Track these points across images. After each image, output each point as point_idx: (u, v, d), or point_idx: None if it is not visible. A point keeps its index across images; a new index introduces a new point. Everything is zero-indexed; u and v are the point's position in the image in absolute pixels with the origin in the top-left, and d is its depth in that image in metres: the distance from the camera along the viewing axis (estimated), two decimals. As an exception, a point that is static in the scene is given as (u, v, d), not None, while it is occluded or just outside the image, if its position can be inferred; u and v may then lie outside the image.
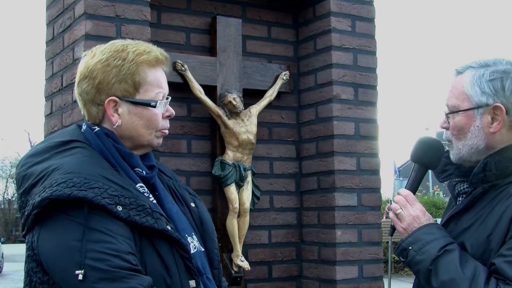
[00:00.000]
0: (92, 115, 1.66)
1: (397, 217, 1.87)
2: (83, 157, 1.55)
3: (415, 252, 1.79)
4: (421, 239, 1.80)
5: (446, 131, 1.92)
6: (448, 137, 1.91)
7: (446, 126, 1.90)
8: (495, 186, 1.81)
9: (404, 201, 1.88)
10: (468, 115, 1.84)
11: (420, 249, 1.79)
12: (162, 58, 1.67)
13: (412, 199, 1.88)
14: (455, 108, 1.86)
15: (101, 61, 1.62)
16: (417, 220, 1.85)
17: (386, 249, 13.20)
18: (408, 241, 1.82)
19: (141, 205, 1.51)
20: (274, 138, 3.50)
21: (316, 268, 3.37)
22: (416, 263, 1.79)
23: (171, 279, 1.53)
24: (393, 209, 1.88)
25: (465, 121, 1.85)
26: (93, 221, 1.43)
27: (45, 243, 1.47)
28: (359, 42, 3.42)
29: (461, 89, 1.86)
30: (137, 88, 1.63)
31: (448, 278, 1.71)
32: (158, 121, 1.66)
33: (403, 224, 1.86)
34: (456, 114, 1.86)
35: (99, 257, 1.40)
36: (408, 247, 1.81)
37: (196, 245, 1.68)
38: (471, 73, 1.86)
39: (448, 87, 1.92)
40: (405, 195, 1.89)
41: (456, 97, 1.86)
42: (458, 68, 1.91)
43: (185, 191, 1.82)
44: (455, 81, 1.89)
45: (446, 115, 1.90)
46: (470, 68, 1.88)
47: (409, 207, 1.87)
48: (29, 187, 1.54)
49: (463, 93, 1.85)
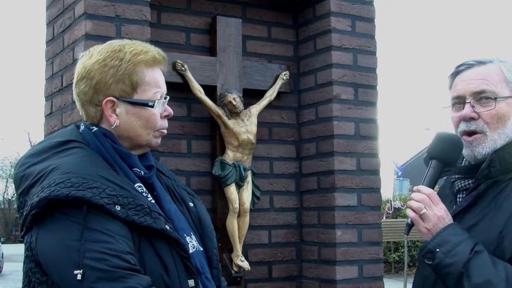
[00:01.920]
0: (90, 115, 1.66)
1: (420, 217, 1.76)
2: (82, 157, 1.55)
3: (444, 254, 1.70)
4: (449, 240, 1.72)
5: (470, 122, 1.83)
6: (481, 128, 1.81)
7: (475, 116, 1.81)
8: (497, 182, 1.79)
9: (428, 200, 1.77)
10: (509, 103, 1.81)
11: (449, 251, 1.70)
12: (160, 58, 1.67)
13: (436, 198, 1.78)
14: (495, 95, 1.79)
15: (98, 62, 1.62)
16: (442, 220, 1.76)
17: (387, 249, 13.24)
18: (434, 242, 1.73)
19: (140, 205, 1.51)
20: (274, 138, 3.50)
21: (316, 268, 3.37)
22: (445, 266, 1.70)
23: (170, 278, 1.53)
24: (416, 209, 1.77)
25: (507, 109, 1.80)
26: (91, 221, 1.43)
27: (44, 243, 1.47)
28: (359, 42, 3.42)
29: (497, 76, 1.81)
30: (134, 88, 1.63)
31: (483, 281, 1.65)
32: (156, 121, 1.66)
33: (428, 224, 1.75)
34: (497, 101, 1.79)
35: (97, 257, 1.40)
36: (435, 250, 1.72)
37: (195, 245, 1.68)
38: (499, 64, 1.84)
39: (471, 76, 1.84)
40: (428, 194, 1.78)
41: (494, 84, 1.80)
42: (476, 59, 1.86)
43: (184, 190, 1.83)
44: (483, 70, 1.83)
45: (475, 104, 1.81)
46: (492, 60, 1.84)
47: (433, 207, 1.76)
48: (27, 188, 1.55)
49: (502, 80, 1.81)
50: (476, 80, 1.82)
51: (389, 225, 12.72)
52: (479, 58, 1.86)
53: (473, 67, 1.85)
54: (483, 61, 1.85)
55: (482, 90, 1.80)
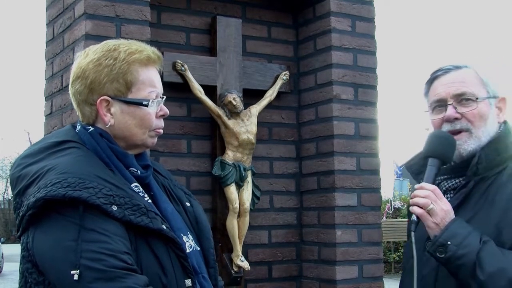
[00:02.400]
0: (85, 115, 1.66)
1: (427, 212, 1.80)
2: (78, 157, 1.55)
3: (456, 246, 1.74)
4: (459, 233, 1.76)
5: (454, 122, 1.92)
6: (465, 126, 1.91)
7: (459, 116, 1.91)
8: (483, 179, 1.87)
9: (433, 195, 1.81)
10: (486, 103, 1.92)
11: (461, 243, 1.74)
12: (154, 57, 1.67)
13: (439, 193, 1.83)
14: (475, 96, 1.91)
15: (93, 61, 1.62)
16: (448, 214, 1.80)
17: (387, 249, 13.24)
18: (445, 236, 1.76)
19: (136, 205, 1.51)
20: (274, 138, 3.50)
21: (316, 268, 3.37)
22: (459, 257, 1.74)
23: (167, 278, 1.53)
24: (422, 204, 1.80)
25: (486, 109, 1.92)
26: (88, 221, 1.43)
27: (40, 243, 1.47)
28: (359, 42, 3.42)
29: (475, 79, 1.93)
30: (129, 87, 1.62)
31: (496, 268, 1.70)
32: (151, 121, 1.65)
33: (436, 219, 1.79)
34: (476, 102, 1.90)
35: (94, 257, 1.40)
36: (447, 242, 1.75)
37: (192, 244, 1.67)
38: (475, 68, 1.95)
39: (451, 79, 1.94)
40: (432, 189, 1.82)
41: (473, 86, 1.92)
42: (453, 64, 1.97)
43: (180, 190, 1.82)
44: (461, 74, 1.94)
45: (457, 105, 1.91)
46: (467, 65, 1.96)
47: (439, 201, 1.81)
48: (23, 188, 1.54)
49: (480, 83, 1.93)
50: (456, 83, 1.93)
51: (389, 225, 12.72)
52: (455, 63, 1.97)
53: (451, 71, 1.96)
54: (459, 66, 1.97)
55: (463, 92, 1.91)
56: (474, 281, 1.72)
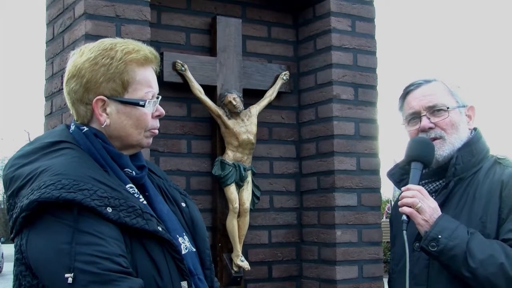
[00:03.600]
0: (80, 114, 1.64)
1: (417, 211, 1.94)
2: (72, 158, 1.53)
3: (446, 239, 1.88)
4: (448, 227, 1.91)
5: (429, 132, 2.08)
6: (439, 134, 2.08)
7: (432, 126, 2.08)
8: (461, 179, 2.04)
9: (420, 194, 1.96)
10: (456, 112, 2.11)
11: (451, 235, 1.88)
12: (152, 57, 1.66)
13: (425, 192, 1.98)
14: (445, 106, 2.09)
15: (89, 60, 1.60)
16: (436, 211, 1.95)
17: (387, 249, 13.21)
18: (435, 230, 1.90)
19: (131, 206, 1.49)
20: (274, 138, 3.50)
21: (316, 268, 3.37)
22: (450, 249, 1.88)
23: (163, 280, 1.52)
24: (411, 203, 1.95)
25: (457, 117, 2.10)
26: (82, 223, 1.42)
27: (34, 246, 1.45)
28: (359, 42, 3.42)
29: (444, 91, 2.12)
30: (125, 87, 1.61)
31: (486, 256, 1.85)
32: (147, 121, 1.64)
33: (425, 216, 1.94)
34: (446, 111, 2.08)
35: (89, 260, 1.38)
36: (438, 236, 1.89)
37: (188, 246, 1.66)
38: (443, 81, 2.14)
39: (422, 93, 2.12)
40: (418, 189, 1.97)
41: (443, 97, 2.11)
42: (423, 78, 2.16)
43: (176, 190, 1.81)
44: (431, 87, 2.13)
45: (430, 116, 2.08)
46: (435, 79, 2.14)
47: (426, 200, 1.96)
48: (17, 189, 1.52)
49: (449, 94, 2.11)
50: (428, 96, 2.11)
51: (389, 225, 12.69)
52: (424, 78, 2.15)
53: (422, 85, 2.14)
54: (429, 80, 2.15)
55: (434, 104, 2.09)
56: (466, 269, 1.86)
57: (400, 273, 2.09)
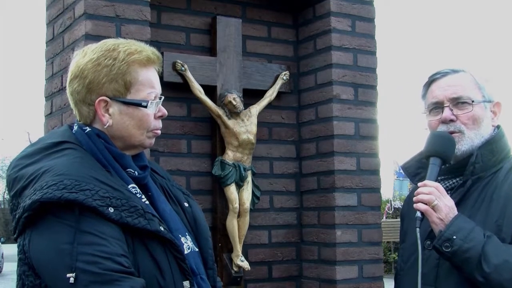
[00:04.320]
0: (83, 115, 1.64)
1: (432, 208, 1.86)
2: (74, 158, 1.54)
3: (461, 240, 1.80)
4: (464, 227, 1.82)
5: (449, 124, 1.99)
6: (459, 128, 1.98)
7: (454, 118, 1.99)
8: (480, 178, 1.94)
9: (437, 192, 1.88)
10: (481, 107, 2.01)
11: (466, 237, 1.80)
12: (154, 58, 1.66)
13: (443, 190, 1.90)
14: (470, 99, 1.99)
15: (91, 61, 1.60)
16: (452, 210, 1.87)
17: (387, 249, 13.22)
18: (450, 230, 1.82)
19: (133, 206, 1.49)
20: (274, 138, 3.50)
21: (316, 268, 3.37)
22: (465, 251, 1.79)
23: (165, 280, 1.52)
24: (427, 201, 1.87)
25: (481, 112, 2.00)
26: (84, 223, 1.42)
27: (36, 246, 1.46)
28: (359, 42, 3.42)
29: (471, 83, 2.01)
30: (128, 88, 1.61)
31: (501, 261, 1.76)
32: (149, 121, 1.64)
33: (440, 214, 1.85)
34: (471, 105, 1.98)
35: (90, 260, 1.39)
36: (452, 237, 1.81)
37: (190, 246, 1.66)
38: (471, 73, 2.03)
39: (447, 83, 2.02)
40: (436, 186, 1.89)
41: (469, 90, 2.00)
42: (450, 68, 2.04)
43: (179, 190, 1.81)
44: (458, 78, 2.02)
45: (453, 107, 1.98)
46: (463, 69, 2.04)
47: (443, 198, 1.87)
48: (20, 190, 1.53)
49: (476, 87, 2.01)
50: (453, 86, 2.01)
51: (389, 225, 12.72)
52: (452, 67, 2.05)
53: (448, 75, 2.04)
54: (457, 70, 2.05)
55: (459, 96, 2.00)
56: (480, 273, 1.78)
57: (409, 270, 2.03)
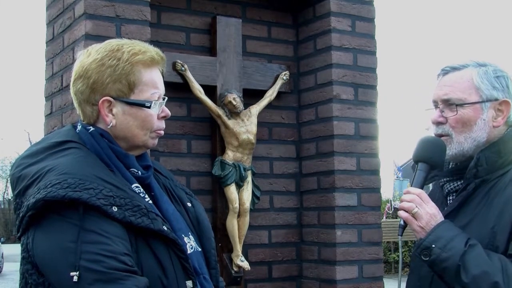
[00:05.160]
0: (87, 115, 1.65)
1: (413, 216, 1.81)
2: (78, 157, 1.54)
3: (440, 249, 1.75)
4: (443, 236, 1.77)
5: (438, 126, 1.93)
6: (447, 131, 1.91)
7: (442, 120, 1.91)
8: (485, 181, 1.86)
9: (419, 199, 1.82)
10: (476, 108, 1.89)
11: (445, 246, 1.75)
12: (158, 58, 1.66)
13: (425, 197, 1.84)
14: (461, 101, 1.89)
15: (95, 61, 1.60)
16: (434, 218, 1.81)
17: (387, 249, 13.23)
18: (429, 239, 1.77)
19: (137, 206, 1.50)
20: (274, 138, 3.50)
21: (316, 268, 3.37)
22: (443, 260, 1.74)
23: (168, 279, 1.52)
24: (407, 208, 1.82)
25: (472, 114, 1.88)
26: (88, 222, 1.42)
27: (40, 244, 1.46)
28: (359, 42, 3.42)
29: (467, 83, 1.89)
30: (131, 88, 1.61)
31: (480, 271, 1.69)
32: (153, 122, 1.64)
33: (421, 222, 1.81)
34: (462, 107, 1.88)
35: (94, 259, 1.39)
36: (431, 245, 1.76)
37: (193, 245, 1.66)
38: (474, 70, 1.91)
39: (444, 82, 1.93)
40: (418, 193, 1.84)
41: (461, 90, 1.89)
42: (451, 65, 1.94)
43: (182, 190, 1.81)
44: (455, 76, 1.92)
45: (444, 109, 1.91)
46: (467, 65, 1.92)
47: (424, 205, 1.82)
48: (24, 189, 1.53)
49: (471, 87, 1.89)
50: (446, 87, 1.92)
51: (389, 225, 12.71)
52: (455, 64, 1.95)
53: (448, 73, 1.94)
54: (457, 67, 1.93)
55: (449, 98, 1.90)
56: (458, 283, 1.72)
57: (411, 271, 2.03)
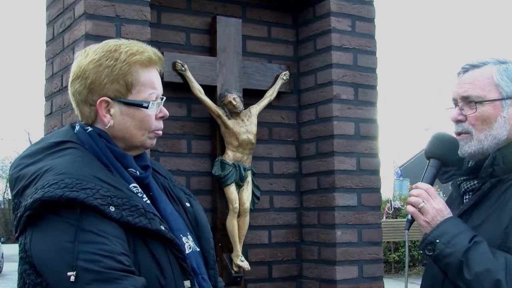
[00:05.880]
0: (84, 115, 1.65)
1: (419, 211, 1.83)
2: (76, 157, 1.54)
3: (443, 245, 1.76)
4: (448, 231, 1.77)
5: (458, 124, 1.91)
6: (467, 129, 1.89)
7: (462, 118, 1.90)
8: (501, 181, 1.84)
9: (426, 194, 1.84)
10: (496, 105, 1.87)
11: (449, 241, 1.75)
12: (156, 59, 1.66)
13: (433, 192, 1.85)
14: (480, 98, 1.87)
15: (93, 61, 1.61)
16: (440, 213, 1.82)
17: (387, 249, 13.23)
18: (434, 234, 1.78)
19: (134, 206, 1.50)
20: (274, 138, 3.50)
21: (316, 268, 3.37)
22: (446, 256, 1.75)
23: (165, 279, 1.52)
24: (414, 203, 1.84)
25: (492, 111, 1.87)
26: (85, 222, 1.42)
27: (37, 245, 1.46)
28: (359, 42, 3.42)
29: (487, 80, 1.88)
30: (129, 88, 1.61)
31: (483, 269, 1.69)
32: (150, 122, 1.64)
33: (427, 217, 1.82)
34: (481, 104, 1.87)
35: (91, 258, 1.39)
36: (435, 240, 1.77)
37: (191, 245, 1.67)
38: (494, 67, 1.90)
39: (464, 80, 1.92)
40: (426, 189, 1.85)
41: (481, 88, 1.88)
42: (471, 63, 1.93)
43: (181, 190, 1.81)
44: (474, 74, 1.90)
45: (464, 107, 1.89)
46: (487, 63, 1.91)
47: (431, 200, 1.83)
48: (22, 189, 1.54)
49: (491, 84, 1.87)
50: (466, 84, 1.90)
51: (389, 225, 12.72)
52: (474, 61, 1.93)
53: (468, 71, 1.92)
54: (477, 65, 1.91)
55: (468, 95, 1.88)
56: (461, 280, 1.72)
57: (426, 270, 2.03)
